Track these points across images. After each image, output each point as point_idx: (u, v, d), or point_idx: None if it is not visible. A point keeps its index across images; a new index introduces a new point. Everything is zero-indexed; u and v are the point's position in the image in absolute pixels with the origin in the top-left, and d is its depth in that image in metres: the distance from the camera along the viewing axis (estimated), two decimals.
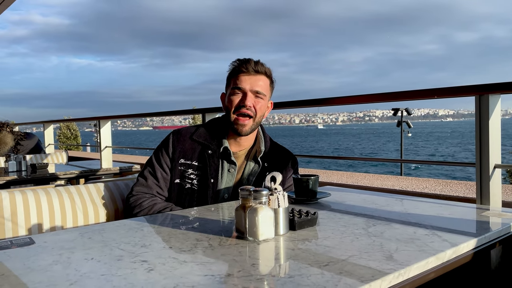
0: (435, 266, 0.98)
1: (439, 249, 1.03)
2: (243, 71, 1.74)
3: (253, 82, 1.74)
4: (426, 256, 0.98)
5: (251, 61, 1.75)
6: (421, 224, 1.28)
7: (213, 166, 1.74)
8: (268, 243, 1.11)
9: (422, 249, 1.03)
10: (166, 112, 4.25)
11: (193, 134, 1.80)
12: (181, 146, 1.78)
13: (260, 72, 1.75)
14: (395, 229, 1.22)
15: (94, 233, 1.23)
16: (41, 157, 4.36)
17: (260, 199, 1.12)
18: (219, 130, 1.82)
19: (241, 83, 1.73)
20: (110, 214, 1.87)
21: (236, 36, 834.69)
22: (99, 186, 1.96)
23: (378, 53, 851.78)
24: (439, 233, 1.17)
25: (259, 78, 1.76)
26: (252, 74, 1.74)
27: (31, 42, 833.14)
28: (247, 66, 1.73)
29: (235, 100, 1.74)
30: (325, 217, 1.39)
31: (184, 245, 1.09)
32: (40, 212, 1.74)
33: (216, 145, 1.78)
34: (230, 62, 1.82)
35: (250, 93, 1.74)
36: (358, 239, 1.13)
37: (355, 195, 1.83)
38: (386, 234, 1.17)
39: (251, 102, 1.73)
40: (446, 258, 1.02)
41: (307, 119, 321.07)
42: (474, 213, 1.48)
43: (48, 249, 1.08)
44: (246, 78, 1.74)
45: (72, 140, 34.02)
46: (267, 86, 1.78)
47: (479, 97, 1.63)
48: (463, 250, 1.08)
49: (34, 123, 7.17)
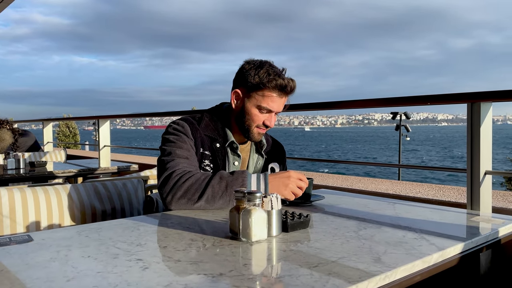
0: (421, 269, 1.01)
1: (426, 253, 1.06)
2: (279, 92, 1.67)
3: (281, 104, 1.71)
4: (413, 259, 1.01)
5: (289, 82, 1.66)
6: (410, 228, 1.31)
7: (221, 158, 1.74)
8: (261, 244, 1.14)
9: (410, 252, 1.06)
10: (165, 113, 4.28)
11: (200, 127, 1.75)
12: (199, 135, 1.72)
13: (292, 92, 1.70)
14: (385, 233, 1.25)
15: (91, 232, 1.26)
16: (39, 155, 4.39)
17: (254, 201, 1.15)
18: (223, 122, 1.79)
19: (273, 106, 1.68)
20: (108, 213, 1.90)
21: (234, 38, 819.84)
22: (97, 185, 1.98)
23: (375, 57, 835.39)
24: (428, 237, 1.20)
25: (286, 99, 1.72)
26: (284, 96, 1.69)
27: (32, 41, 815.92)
28: (286, 88, 1.66)
29: (260, 118, 1.70)
30: (318, 219, 1.43)
31: (178, 244, 1.12)
32: (38, 210, 1.76)
33: (222, 138, 1.76)
34: (251, 59, 1.73)
35: (275, 114, 1.72)
36: (349, 241, 1.16)
37: (349, 199, 1.86)
38: (376, 237, 1.20)
39: (274, 122, 1.73)
40: (433, 262, 1.05)
41: (306, 121, 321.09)
42: (464, 218, 1.51)
43: (46, 246, 1.11)
44: (278, 101, 1.68)
45: (71, 138, 34.01)
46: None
47: (471, 105, 1.66)
48: (450, 254, 1.11)
49: (33, 121, 7.19)
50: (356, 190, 2.42)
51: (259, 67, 1.68)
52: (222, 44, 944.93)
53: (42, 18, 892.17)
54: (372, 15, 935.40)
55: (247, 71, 1.70)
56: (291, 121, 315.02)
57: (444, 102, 1.76)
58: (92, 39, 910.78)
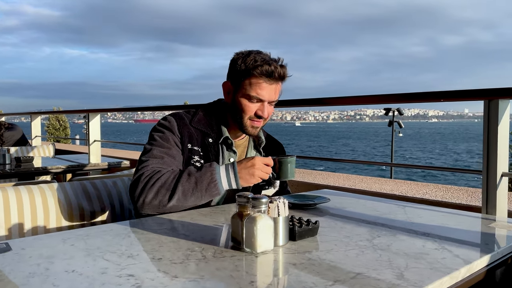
0: (449, 286, 0.90)
1: (453, 267, 0.95)
2: (267, 79, 1.57)
3: (272, 91, 1.60)
4: (440, 275, 0.90)
5: (277, 67, 1.57)
6: (428, 235, 1.20)
7: (214, 154, 1.65)
8: (267, 256, 1.02)
9: (434, 266, 0.95)
10: (156, 107, 4.16)
11: (192, 121, 1.67)
12: (187, 130, 1.63)
13: (283, 78, 1.61)
14: (401, 241, 1.14)
15: (77, 239, 1.13)
16: (26, 150, 4.22)
17: (259, 207, 1.04)
18: (218, 118, 1.71)
19: (262, 93, 1.58)
20: (97, 214, 1.78)
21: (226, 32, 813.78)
22: (85, 184, 1.86)
23: (367, 53, 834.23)
24: (449, 247, 1.10)
25: (278, 86, 1.62)
26: (274, 83, 1.59)
27: (22, 33, 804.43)
28: (273, 74, 1.56)
29: (252, 108, 1.61)
30: (326, 225, 1.31)
31: (175, 256, 1.00)
32: (22, 211, 1.63)
33: (215, 134, 1.68)
34: (241, 50, 1.65)
35: (268, 103, 1.62)
36: (364, 252, 1.04)
37: (355, 201, 1.75)
38: (393, 247, 1.09)
39: (267, 112, 1.63)
40: (460, 277, 0.94)
41: (299, 116, 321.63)
42: (481, 224, 1.41)
43: (26, 258, 0.98)
44: (267, 88, 1.58)
45: (61, 131, 33.58)
46: (281, 88, 1.66)
47: (488, 102, 1.55)
48: (477, 267, 1.00)
49: (20, 114, 6.99)
50: (361, 190, 2.31)
51: (247, 55, 1.61)
52: (214, 38, 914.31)
53: (32, 10, 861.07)
54: (364, 11, 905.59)
55: (235, 61, 1.64)
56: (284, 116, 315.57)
57: (460, 99, 1.65)
58: (83, 32, 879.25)
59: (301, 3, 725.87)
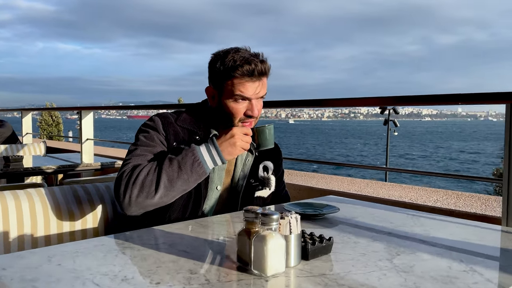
0: None
1: None
2: (249, 78, 1.49)
3: (257, 88, 1.52)
4: None
5: (257, 64, 1.49)
6: (452, 254, 1.09)
7: None
8: (278, 279, 0.91)
9: None
10: (149, 106, 4.05)
11: (178, 120, 1.59)
12: (172, 129, 1.56)
13: (265, 74, 1.53)
14: (424, 262, 1.04)
15: (65, 257, 1.02)
16: (16, 148, 4.08)
17: (270, 224, 0.92)
18: (205, 118, 1.63)
19: (247, 92, 1.50)
20: (88, 221, 1.66)
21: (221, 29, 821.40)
22: (76, 188, 1.74)
23: (363, 51, 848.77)
24: (478, 269, 0.99)
25: (263, 81, 1.53)
26: (257, 80, 1.51)
27: (15, 27, 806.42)
28: (254, 72, 1.48)
29: (241, 110, 1.53)
30: (339, 240, 1.20)
31: (175, 279, 0.89)
32: (7, 219, 1.52)
33: (203, 132, 1.59)
34: (218, 50, 1.56)
35: (255, 99, 1.53)
36: (386, 276, 0.94)
37: (364, 209, 1.65)
38: (416, 268, 0.98)
39: (257, 110, 1.54)
40: None
41: (293, 114, 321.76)
42: (505, 239, 1.31)
43: (6, 281, 0.87)
44: (251, 86, 1.50)
45: (53, 127, 33.23)
46: (266, 82, 1.58)
47: (510, 106, 1.45)
48: None
49: (10, 110, 6.83)
50: (368, 197, 2.21)
51: (224, 56, 1.52)
52: (209, 35, 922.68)
53: (25, 4, 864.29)
54: (360, 10, 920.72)
55: (213, 64, 1.56)
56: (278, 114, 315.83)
57: (479, 102, 1.55)
58: (77, 26, 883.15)
59: (297, 1, 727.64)
